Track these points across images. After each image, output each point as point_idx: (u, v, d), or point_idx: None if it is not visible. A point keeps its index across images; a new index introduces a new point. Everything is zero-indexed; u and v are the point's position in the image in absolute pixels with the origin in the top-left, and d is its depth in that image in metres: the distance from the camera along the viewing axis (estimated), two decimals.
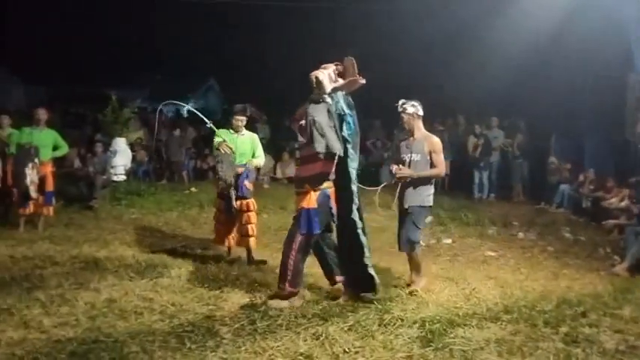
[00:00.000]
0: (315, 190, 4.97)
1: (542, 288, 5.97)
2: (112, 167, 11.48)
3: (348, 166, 5.01)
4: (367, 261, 5.12)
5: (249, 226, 6.77)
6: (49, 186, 8.45)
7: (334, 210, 5.07)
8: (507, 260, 7.48)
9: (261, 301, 5.02)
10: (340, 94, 5.05)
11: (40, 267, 6.04)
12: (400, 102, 5.63)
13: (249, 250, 6.82)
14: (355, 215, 5.07)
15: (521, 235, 9.22)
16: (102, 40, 25.52)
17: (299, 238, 4.96)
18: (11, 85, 23.81)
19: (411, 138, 5.69)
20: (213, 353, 3.97)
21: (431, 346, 4.15)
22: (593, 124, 12.56)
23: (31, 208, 8.24)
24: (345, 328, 4.41)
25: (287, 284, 4.96)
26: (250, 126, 16.19)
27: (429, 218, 10.06)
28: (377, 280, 5.18)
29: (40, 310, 4.67)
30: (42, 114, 8.48)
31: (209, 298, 5.12)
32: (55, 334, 4.17)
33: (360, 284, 5.18)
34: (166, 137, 14.90)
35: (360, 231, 5.10)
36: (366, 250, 5.11)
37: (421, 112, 5.66)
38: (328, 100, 4.97)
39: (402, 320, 4.61)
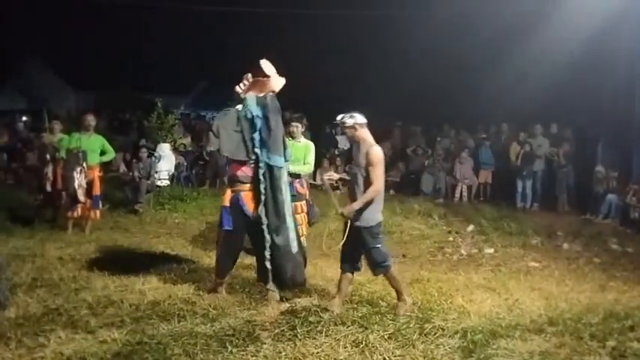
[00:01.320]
0: (232, 191, 5.43)
1: (589, 300, 5.82)
2: (156, 172, 11.72)
3: (258, 165, 5.31)
4: (267, 255, 5.29)
5: (299, 227, 6.94)
6: (97, 190, 8.68)
7: (247, 212, 5.32)
8: (552, 271, 7.32)
9: (301, 307, 5.05)
10: (251, 97, 5.37)
11: (87, 269, 6.22)
12: (338, 118, 5.23)
13: None
14: (261, 212, 5.27)
15: (566, 245, 9.00)
16: (148, 47, 26.17)
17: (221, 234, 5.57)
18: (62, 91, 24.68)
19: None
20: (254, 358, 4.01)
21: (472, 357, 4.10)
22: None
23: (78, 211, 8.48)
24: (386, 336, 4.39)
25: (215, 276, 5.53)
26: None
27: (470, 227, 9.98)
28: (270, 274, 5.34)
29: (87, 311, 4.81)
30: (90, 120, 8.72)
31: (250, 303, 5.18)
32: (102, 335, 4.28)
33: (259, 273, 5.49)
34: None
35: (264, 227, 5.26)
36: (267, 244, 5.27)
37: (362, 121, 5.15)
38: (238, 106, 5.41)
39: (443, 330, 4.56)
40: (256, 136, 5.29)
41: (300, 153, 7.06)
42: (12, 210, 9.66)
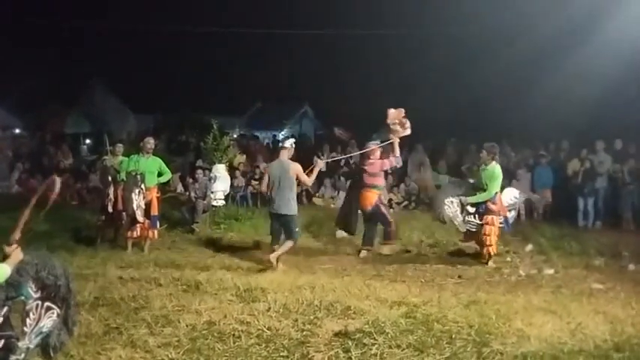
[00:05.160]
0: None
1: None
2: (212, 192, 11.92)
3: None
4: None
5: (486, 238, 8.34)
6: (154, 210, 8.94)
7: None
8: (617, 294, 6.98)
9: (355, 329, 5.00)
10: None
11: (145, 288, 6.37)
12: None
13: (489, 254, 8.40)
14: None
15: (632, 266, 8.57)
16: (204, 71, 27.02)
17: None
18: (123, 114, 25.67)
19: None
20: None
21: None
22: None
23: (137, 231, 8.75)
24: None
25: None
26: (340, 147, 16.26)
27: (529, 246, 9.66)
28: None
29: (146, 330, 4.92)
30: (151, 143, 9.02)
31: (303, 324, 5.17)
32: (159, 354, 4.37)
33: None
34: (263, 164, 15.31)
35: None
36: None
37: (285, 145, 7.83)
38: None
39: (502, 354, 4.44)
40: None
41: (486, 178, 8.29)
42: (76, 230, 10.04)
